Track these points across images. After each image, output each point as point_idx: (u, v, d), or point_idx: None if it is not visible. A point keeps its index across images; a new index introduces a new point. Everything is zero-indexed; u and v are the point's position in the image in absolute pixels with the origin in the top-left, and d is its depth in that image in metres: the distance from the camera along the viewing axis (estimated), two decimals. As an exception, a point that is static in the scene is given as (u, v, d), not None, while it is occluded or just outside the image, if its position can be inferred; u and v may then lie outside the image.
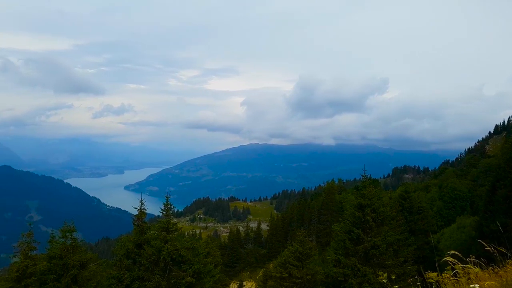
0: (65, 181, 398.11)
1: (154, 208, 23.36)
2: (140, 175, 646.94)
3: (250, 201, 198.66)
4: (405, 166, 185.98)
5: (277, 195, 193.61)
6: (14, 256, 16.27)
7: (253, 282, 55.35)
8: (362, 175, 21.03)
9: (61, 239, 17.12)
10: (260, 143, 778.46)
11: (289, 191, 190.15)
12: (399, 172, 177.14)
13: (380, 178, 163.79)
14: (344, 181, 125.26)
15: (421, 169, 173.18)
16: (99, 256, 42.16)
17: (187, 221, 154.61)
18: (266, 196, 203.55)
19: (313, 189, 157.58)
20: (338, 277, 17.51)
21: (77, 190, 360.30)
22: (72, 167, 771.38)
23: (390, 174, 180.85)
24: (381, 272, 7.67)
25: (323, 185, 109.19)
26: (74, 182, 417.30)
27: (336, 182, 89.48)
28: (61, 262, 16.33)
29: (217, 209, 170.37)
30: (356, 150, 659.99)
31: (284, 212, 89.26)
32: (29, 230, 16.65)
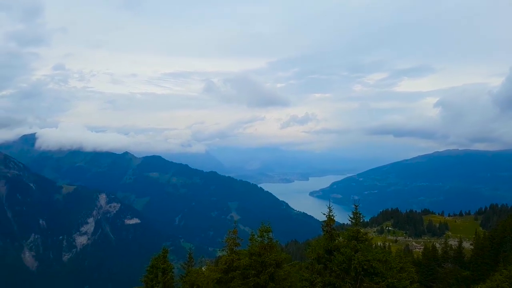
0: (259, 185, 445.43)
1: (338, 216, 23.21)
2: (323, 182, 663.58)
3: (448, 215, 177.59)
4: None
5: (483, 209, 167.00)
6: (223, 250, 18.56)
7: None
8: None
9: (259, 238, 18.73)
10: (459, 148, 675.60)
11: (499, 206, 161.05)
12: None
13: None
14: None
15: None
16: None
17: (374, 232, 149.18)
18: (469, 211, 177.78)
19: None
20: None
21: (268, 194, 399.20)
22: (263, 173, 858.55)
23: None
24: None
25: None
26: (265, 186, 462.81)
27: None
28: (260, 259, 17.82)
29: (408, 222, 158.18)
30: None
31: (493, 230, 76.00)
32: (234, 227, 18.79)
